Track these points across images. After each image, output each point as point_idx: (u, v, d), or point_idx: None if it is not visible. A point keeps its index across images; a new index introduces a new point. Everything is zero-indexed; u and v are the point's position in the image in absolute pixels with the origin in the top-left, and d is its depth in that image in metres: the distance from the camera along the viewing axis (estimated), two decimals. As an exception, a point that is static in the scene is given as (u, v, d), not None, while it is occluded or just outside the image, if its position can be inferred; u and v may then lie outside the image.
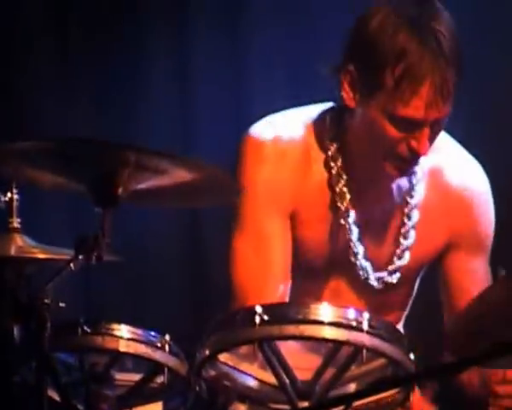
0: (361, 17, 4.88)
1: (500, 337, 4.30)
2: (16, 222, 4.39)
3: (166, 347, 4.03)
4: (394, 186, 5.08)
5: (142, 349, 4.12)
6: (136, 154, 3.98)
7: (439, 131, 4.95)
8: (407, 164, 4.95)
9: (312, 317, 3.98)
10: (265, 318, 3.91)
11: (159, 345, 4.11)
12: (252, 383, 4.19)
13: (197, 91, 6.51)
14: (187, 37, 6.83)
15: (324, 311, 3.97)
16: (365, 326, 3.93)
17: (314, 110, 5.01)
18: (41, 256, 4.26)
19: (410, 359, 4.06)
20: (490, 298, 4.56)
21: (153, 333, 4.09)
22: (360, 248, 4.97)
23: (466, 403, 5.45)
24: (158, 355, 4.10)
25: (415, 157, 4.89)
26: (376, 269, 5.02)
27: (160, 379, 4.10)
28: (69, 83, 6.80)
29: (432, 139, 4.92)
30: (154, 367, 4.16)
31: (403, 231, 5.00)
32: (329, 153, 4.87)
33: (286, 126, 4.97)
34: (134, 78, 6.68)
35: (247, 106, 6.45)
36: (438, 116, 4.79)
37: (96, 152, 4.10)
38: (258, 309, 3.89)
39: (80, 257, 3.88)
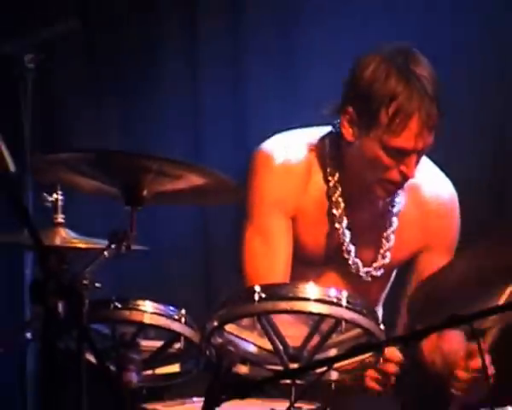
0: (356, 66, 4.94)
1: (457, 309, 4.65)
2: (60, 218, 4.40)
3: (183, 319, 4.09)
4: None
5: (162, 321, 4.18)
6: (158, 163, 4.10)
7: (422, 156, 5.04)
8: (395, 186, 5.01)
9: (301, 295, 4.07)
10: (263, 296, 4.02)
11: (176, 318, 4.17)
12: (252, 348, 4.28)
13: (206, 111, 6.26)
14: (197, 69, 6.43)
15: (310, 290, 4.07)
16: (344, 302, 4.04)
17: (316, 133, 5.04)
18: (80, 246, 4.32)
19: (380, 329, 4.17)
20: (449, 272, 4.63)
21: (171, 308, 4.13)
22: (352, 248, 5.07)
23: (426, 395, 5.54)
24: (175, 326, 4.14)
25: (404, 180, 4.98)
26: (365, 265, 5.09)
27: (177, 346, 4.14)
28: (99, 101, 6.46)
29: (417, 164, 5.02)
30: (172, 336, 4.21)
31: (385, 234, 5.07)
32: (328, 170, 4.93)
33: (292, 145, 5.00)
34: (155, 99, 6.34)
35: (247, 124, 6.22)
36: (424, 145, 4.87)
37: (125, 162, 4.24)
38: (257, 289, 4.01)
39: (112, 247, 4.03)
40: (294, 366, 4.10)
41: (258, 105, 6.38)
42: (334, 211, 4.93)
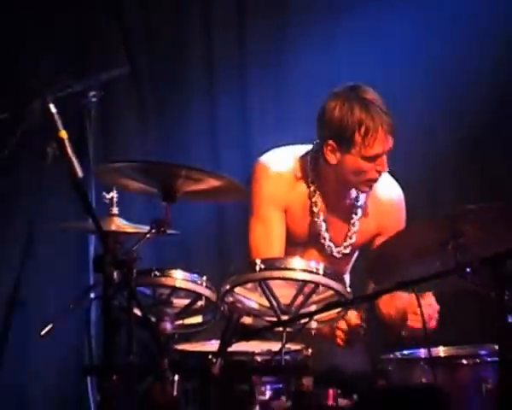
0: (324, 111, 5.22)
1: (410, 271, 4.57)
2: (115, 210, 4.76)
3: (204, 283, 4.52)
4: (347, 196, 5.45)
5: (189, 285, 4.59)
6: (185, 170, 4.50)
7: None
8: (375, 181, 5.33)
9: (289, 266, 4.48)
10: (262, 266, 4.41)
11: (199, 282, 4.60)
12: (254, 305, 4.66)
13: (220, 133, 6.54)
14: (214, 103, 6.67)
15: (297, 262, 4.48)
16: (321, 272, 4.43)
17: (301, 149, 5.35)
18: (129, 231, 4.71)
19: (348, 291, 4.55)
20: (403, 238, 4.91)
21: (195, 275, 4.56)
22: (326, 235, 5.43)
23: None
24: (199, 289, 4.59)
25: (380, 175, 5.30)
26: (336, 245, 5.43)
27: (199, 303, 4.55)
28: (144, 123, 6.63)
29: (387, 160, 5.33)
30: (196, 296, 4.59)
31: (351, 222, 5.41)
32: (309, 179, 5.25)
33: (283, 159, 5.31)
34: (184, 123, 6.57)
35: (250, 140, 6.48)
36: (390, 147, 5.18)
37: (162, 170, 4.65)
38: (258, 261, 4.42)
39: (153, 231, 4.49)
40: (285, 317, 4.50)
41: (258, 126, 6.54)
42: (314, 208, 5.29)
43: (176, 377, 4.49)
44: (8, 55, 6.38)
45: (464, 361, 4.72)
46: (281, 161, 5.32)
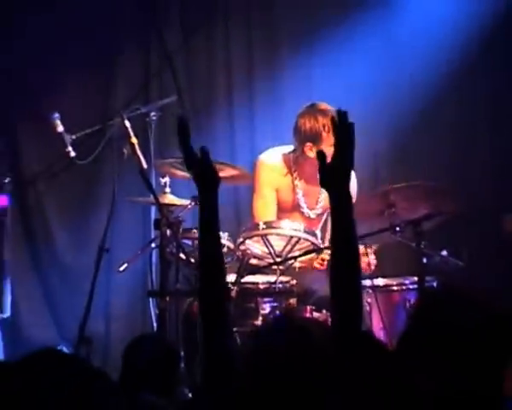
0: (298, 124, 5.28)
1: (359, 229, 4.63)
2: (167, 189, 4.95)
3: (226, 237, 4.74)
4: (318, 176, 5.61)
5: None
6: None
7: None
8: None
9: (281, 226, 4.92)
10: (263, 226, 4.84)
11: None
12: (258, 251, 4.98)
13: (237, 135, 6.42)
14: (234, 124, 6.51)
15: (286, 224, 4.92)
16: (302, 229, 4.89)
17: (287, 149, 5.45)
18: (177, 203, 4.94)
19: (319, 242, 4.96)
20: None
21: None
22: (304, 205, 5.57)
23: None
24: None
25: None
26: (311, 209, 5.53)
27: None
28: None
29: None
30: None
31: (320, 191, 5.39)
32: (292, 169, 5.40)
33: (274, 156, 5.45)
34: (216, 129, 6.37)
35: (254, 142, 6.35)
36: None
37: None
38: (261, 223, 4.88)
39: (192, 204, 4.78)
40: (278, 260, 4.86)
41: (259, 134, 6.35)
42: (296, 189, 5.45)
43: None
44: (100, 83, 6.27)
45: (395, 288, 5.11)
46: (273, 158, 5.48)
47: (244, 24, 6.31)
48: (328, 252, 4.78)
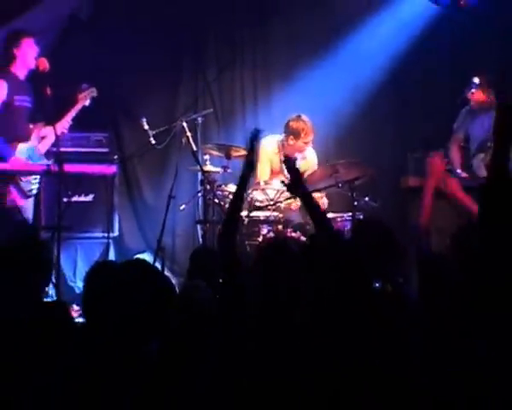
0: (289, 124, 4.96)
1: (316, 187, 4.62)
2: (208, 162, 4.89)
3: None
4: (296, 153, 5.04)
5: (234, 188, 3.70)
6: (234, 148, 4.75)
7: None
8: (305, 149, 5.14)
9: (271, 183, 4.95)
10: (263, 183, 4.87)
11: None
12: (260, 197, 4.84)
13: (248, 129, 5.71)
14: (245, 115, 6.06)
15: (275, 182, 4.90)
16: (282, 184, 4.10)
17: (279, 136, 5.12)
18: (213, 170, 4.84)
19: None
20: (315, 172, 4.97)
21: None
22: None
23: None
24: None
25: (307, 146, 5.08)
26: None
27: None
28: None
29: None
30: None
31: (299, 162, 4.84)
32: (280, 149, 5.10)
33: (270, 140, 5.14)
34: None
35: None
36: (312, 137, 5.08)
37: (224, 147, 4.87)
38: (262, 182, 4.88)
39: (223, 170, 4.72)
40: (271, 202, 4.79)
41: (262, 127, 4.97)
42: (282, 165, 4.66)
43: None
44: (169, 99, 5.86)
45: (338, 219, 4.93)
46: (269, 142, 5.17)
47: (251, 65, 6.05)
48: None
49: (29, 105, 4.68)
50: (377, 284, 2.45)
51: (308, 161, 5.21)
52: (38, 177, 4.60)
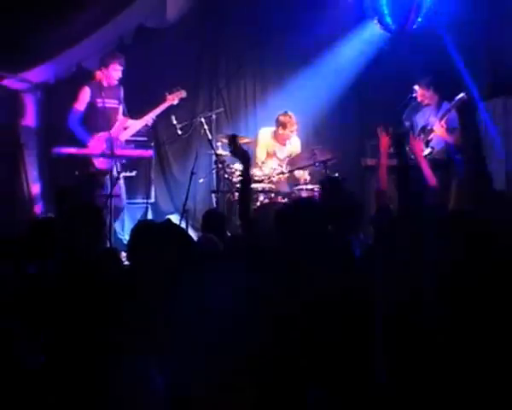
0: (279, 118, 4.89)
1: (296, 165, 4.55)
2: (220, 147, 4.79)
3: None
4: (285, 140, 4.99)
5: (239, 166, 4.30)
6: (239, 137, 4.04)
7: None
8: (291, 136, 4.93)
9: (267, 162, 4.83)
10: (260, 164, 4.73)
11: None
12: (259, 174, 4.69)
13: (249, 123, 5.76)
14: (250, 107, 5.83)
15: (270, 161, 4.79)
16: (276, 166, 4.76)
17: (272, 129, 5.00)
18: (223, 154, 4.66)
19: (284, 170, 4.70)
20: (299, 155, 4.87)
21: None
22: (279, 153, 4.98)
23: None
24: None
25: (293, 134, 4.92)
26: (281, 155, 4.93)
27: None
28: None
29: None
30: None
31: (284, 148, 4.96)
32: (273, 137, 4.95)
33: (265, 131, 5.03)
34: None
35: (257, 124, 5.65)
36: (296, 128, 4.90)
37: (230, 138, 2.96)
38: (259, 162, 4.77)
39: (230, 154, 3.35)
40: (267, 178, 4.67)
41: (260, 120, 5.69)
42: (275, 147, 5.02)
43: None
44: (192, 99, 5.44)
45: (316, 189, 4.64)
46: (264, 132, 5.09)
47: (251, 76, 5.95)
48: (287, 174, 4.76)
49: (114, 105, 4.69)
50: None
51: (293, 145, 5.12)
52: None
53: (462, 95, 4.36)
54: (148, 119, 4.74)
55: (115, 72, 4.65)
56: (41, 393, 1.58)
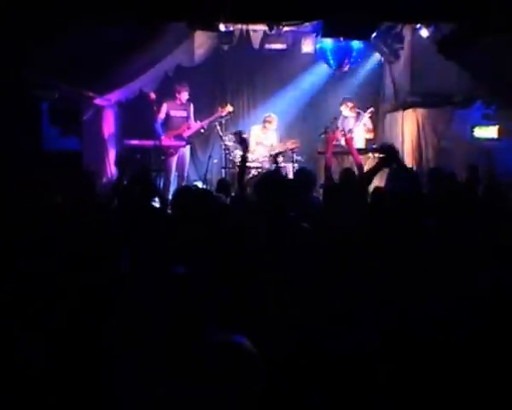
0: (265, 117, 5.68)
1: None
2: (229, 139, 5.66)
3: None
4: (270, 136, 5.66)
5: (240, 153, 4.16)
6: (244, 133, 4.15)
7: None
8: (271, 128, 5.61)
9: (258, 149, 5.56)
10: (252, 150, 5.28)
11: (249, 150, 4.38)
12: (251, 157, 5.36)
13: (245, 121, 6.60)
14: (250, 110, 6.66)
15: (259, 148, 5.50)
16: (263, 152, 5.50)
17: (260, 125, 5.68)
18: (229, 144, 5.63)
19: (269, 156, 5.46)
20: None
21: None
22: (265, 142, 5.77)
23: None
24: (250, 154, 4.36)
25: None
26: (266, 144, 5.42)
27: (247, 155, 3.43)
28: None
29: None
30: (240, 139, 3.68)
31: (267, 138, 5.40)
32: (262, 133, 5.49)
33: (256, 128, 5.68)
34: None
35: (250, 123, 6.52)
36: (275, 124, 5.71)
37: (236, 132, 4.33)
38: (252, 149, 5.43)
39: (235, 141, 4.77)
40: (257, 160, 5.43)
41: (253, 120, 6.60)
42: (262, 139, 5.59)
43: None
44: (208, 103, 6.36)
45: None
46: (256, 129, 5.93)
47: (247, 94, 7.18)
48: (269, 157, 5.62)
49: (182, 114, 6.00)
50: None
51: (273, 137, 6.33)
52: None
53: (371, 109, 6.26)
54: (204, 124, 5.98)
55: (183, 94, 5.98)
56: (41, 393, 1.36)
